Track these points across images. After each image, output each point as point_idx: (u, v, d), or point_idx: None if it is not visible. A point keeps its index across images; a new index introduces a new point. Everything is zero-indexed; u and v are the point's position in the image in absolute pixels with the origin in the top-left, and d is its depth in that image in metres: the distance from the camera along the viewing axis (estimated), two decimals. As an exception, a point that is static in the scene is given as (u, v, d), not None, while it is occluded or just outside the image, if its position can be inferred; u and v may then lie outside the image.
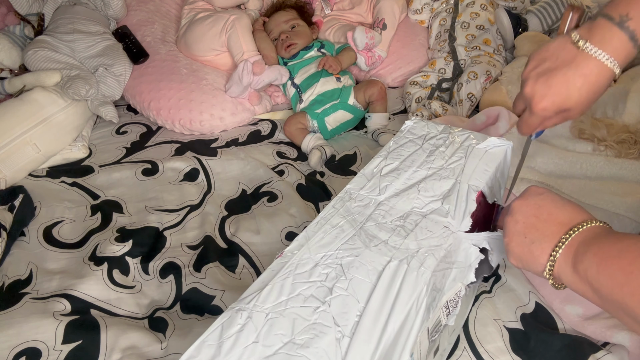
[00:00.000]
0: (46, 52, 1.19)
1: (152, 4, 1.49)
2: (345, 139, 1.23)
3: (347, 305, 0.48)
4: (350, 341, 0.45)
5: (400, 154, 0.68)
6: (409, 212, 0.58)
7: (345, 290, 0.49)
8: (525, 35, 1.29)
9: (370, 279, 0.50)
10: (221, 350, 0.46)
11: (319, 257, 0.53)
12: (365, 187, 0.63)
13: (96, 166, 1.13)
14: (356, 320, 0.46)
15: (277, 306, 0.49)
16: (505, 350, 0.69)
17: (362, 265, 0.52)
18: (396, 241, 0.54)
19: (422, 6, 1.50)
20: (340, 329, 0.46)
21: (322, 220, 0.59)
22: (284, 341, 0.45)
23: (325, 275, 0.51)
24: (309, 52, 1.33)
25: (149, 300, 0.83)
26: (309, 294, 0.49)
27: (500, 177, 0.68)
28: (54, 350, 0.73)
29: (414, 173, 0.64)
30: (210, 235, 0.94)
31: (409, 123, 0.74)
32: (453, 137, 0.70)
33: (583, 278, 0.47)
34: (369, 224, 0.57)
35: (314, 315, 0.47)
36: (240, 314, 0.48)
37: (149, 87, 1.26)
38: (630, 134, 0.92)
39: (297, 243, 0.56)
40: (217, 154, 1.14)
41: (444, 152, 0.67)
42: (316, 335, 0.45)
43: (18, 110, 1.08)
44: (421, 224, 0.56)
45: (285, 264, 0.53)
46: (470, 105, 1.22)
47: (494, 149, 0.67)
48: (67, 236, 0.95)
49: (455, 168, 0.64)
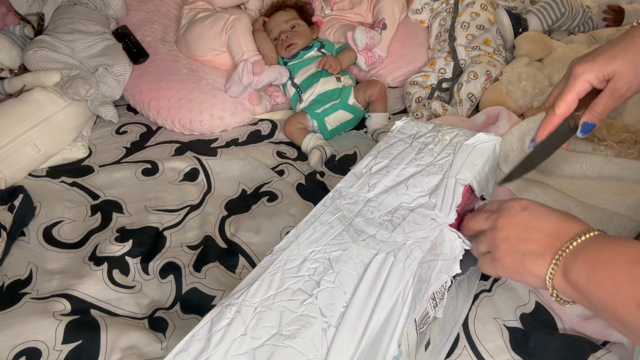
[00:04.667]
0: (46, 52, 1.19)
1: (152, 4, 1.49)
2: (345, 139, 1.23)
3: (334, 297, 0.49)
4: (336, 331, 0.45)
5: (389, 152, 0.69)
6: (397, 207, 0.59)
7: (332, 282, 0.50)
8: (525, 35, 1.30)
9: (358, 271, 0.51)
10: (210, 343, 0.46)
11: (307, 253, 0.54)
12: (354, 185, 0.64)
13: (96, 166, 1.13)
14: (342, 311, 0.47)
15: (265, 300, 0.49)
16: (505, 349, 0.69)
17: (350, 258, 0.52)
18: (383, 235, 0.55)
19: (422, 6, 1.50)
20: (327, 320, 0.47)
21: (311, 217, 0.59)
22: (272, 333, 0.46)
23: (314, 270, 0.52)
24: (309, 52, 1.33)
25: (149, 300, 0.83)
26: (297, 288, 0.50)
27: (489, 171, 0.69)
28: (54, 350, 0.73)
29: (403, 170, 0.65)
30: (210, 235, 0.94)
31: (399, 123, 0.75)
32: (442, 134, 0.71)
33: (575, 288, 0.47)
34: (357, 219, 0.58)
35: (301, 308, 0.48)
36: (229, 309, 0.49)
37: (149, 87, 1.26)
38: (630, 134, 0.92)
39: (286, 240, 0.57)
40: (217, 154, 1.15)
41: (433, 149, 0.68)
42: (303, 327, 0.46)
43: (18, 110, 1.08)
44: (408, 218, 0.57)
45: (274, 260, 0.54)
46: (470, 105, 1.22)
47: (482, 144, 0.68)
48: (67, 236, 0.95)
49: (444, 164, 0.65)
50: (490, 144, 0.68)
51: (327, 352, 0.44)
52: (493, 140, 0.69)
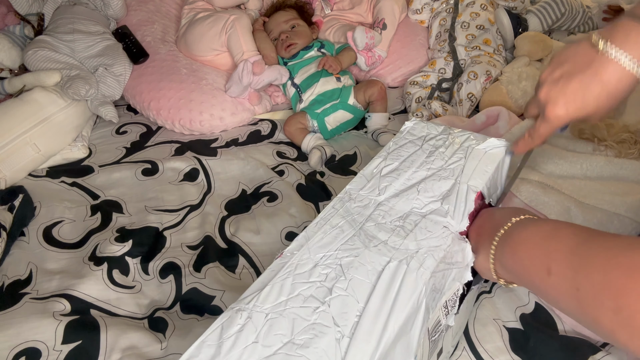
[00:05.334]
0: (46, 52, 1.19)
1: (152, 4, 1.49)
2: (345, 139, 1.23)
3: (347, 305, 0.48)
4: (350, 341, 0.45)
5: (400, 154, 0.68)
6: (408, 213, 0.58)
7: (344, 290, 0.49)
8: (525, 35, 1.29)
9: (370, 279, 0.50)
10: (221, 350, 0.46)
11: (318, 258, 0.53)
12: (364, 187, 0.63)
13: (96, 166, 1.13)
14: (356, 320, 0.46)
15: (276, 306, 0.49)
16: (504, 350, 0.69)
17: (362, 265, 0.52)
18: (395, 241, 0.54)
19: (422, 6, 1.50)
20: (340, 329, 0.46)
21: (321, 220, 0.59)
22: (284, 341, 0.46)
23: (325, 276, 0.51)
24: (309, 52, 1.33)
25: (148, 300, 0.83)
26: (308, 294, 0.49)
27: (499, 178, 0.68)
28: (54, 350, 0.73)
29: (414, 174, 0.64)
30: (210, 235, 0.94)
31: (408, 124, 0.74)
32: (453, 137, 0.70)
33: (507, 270, 0.53)
34: (368, 224, 0.57)
35: (314, 316, 0.47)
36: (240, 314, 0.48)
37: (149, 87, 1.26)
38: (630, 134, 0.92)
39: (296, 243, 0.56)
40: (217, 154, 1.14)
41: (444, 153, 0.67)
42: (316, 336, 0.45)
43: (18, 110, 1.08)
44: (420, 224, 0.57)
45: (284, 264, 0.53)
46: (470, 105, 1.22)
47: (493, 150, 0.67)
48: (67, 236, 0.95)
49: (455, 169, 0.64)
50: (501, 150, 0.68)
51: None
52: (504, 146, 0.68)
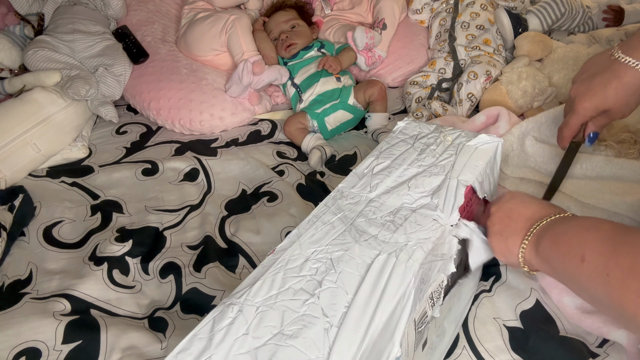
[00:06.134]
0: (46, 52, 1.19)
1: (152, 4, 1.49)
2: (345, 139, 1.23)
3: (336, 297, 0.49)
4: (338, 331, 0.45)
5: (391, 153, 0.69)
6: (399, 208, 0.59)
7: (334, 283, 0.50)
8: (525, 35, 1.29)
9: (359, 272, 0.51)
10: (212, 342, 0.46)
11: (309, 253, 0.54)
12: (356, 185, 0.64)
13: (96, 166, 1.13)
14: (344, 311, 0.47)
15: (267, 300, 0.50)
16: (504, 349, 0.69)
17: (352, 259, 0.53)
18: (385, 235, 0.55)
19: (422, 6, 1.50)
20: (329, 320, 0.47)
21: (313, 217, 0.60)
22: (274, 332, 0.46)
23: (315, 270, 0.52)
24: (309, 52, 1.33)
25: (149, 300, 0.83)
26: (298, 288, 0.50)
27: (490, 172, 0.69)
28: (54, 350, 0.73)
29: (405, 171, 0.65)
30: (210, 235, 0.94)
31: (401, 124, 0.76)
32: (444, 135, 0.72)
33: (542, 258, 0.55)
34: (359, 220, 0.58)
35: (303, 307, 0.48)
36: (231, 308, 0.49)
37: (149, 87, 1.26)
38: (630, 134, 0.92)
39: (288, 240, 0.57)
40: (217, 154, 1.15)
41: (435, 150, 0.68)
42: (305, 326, 0.46)
43: (18, 110, 1.08)
44: (410, 218, 0.57)
45: (276, 260, 0.54)
46: (470, 105, 1.22)
47: (484, 146, 0.68)
48: (67, 236, 0.95)
49: (446, 165, 0.65)
50: (492, 145, 0.69)
51: (329, 352, 0.44)
52: (495, 142, 0.69)
